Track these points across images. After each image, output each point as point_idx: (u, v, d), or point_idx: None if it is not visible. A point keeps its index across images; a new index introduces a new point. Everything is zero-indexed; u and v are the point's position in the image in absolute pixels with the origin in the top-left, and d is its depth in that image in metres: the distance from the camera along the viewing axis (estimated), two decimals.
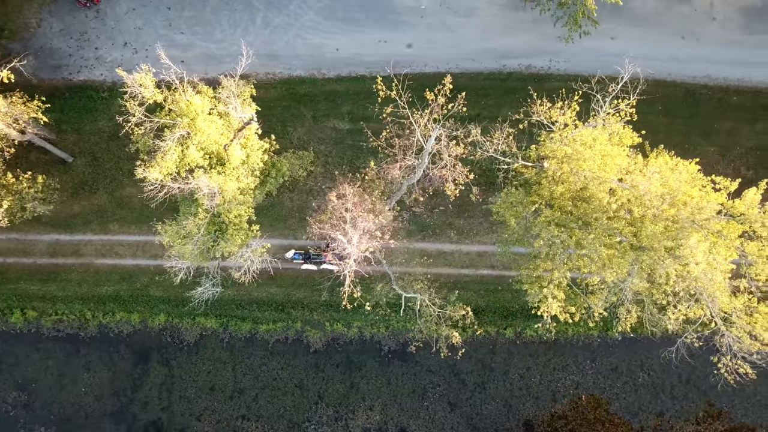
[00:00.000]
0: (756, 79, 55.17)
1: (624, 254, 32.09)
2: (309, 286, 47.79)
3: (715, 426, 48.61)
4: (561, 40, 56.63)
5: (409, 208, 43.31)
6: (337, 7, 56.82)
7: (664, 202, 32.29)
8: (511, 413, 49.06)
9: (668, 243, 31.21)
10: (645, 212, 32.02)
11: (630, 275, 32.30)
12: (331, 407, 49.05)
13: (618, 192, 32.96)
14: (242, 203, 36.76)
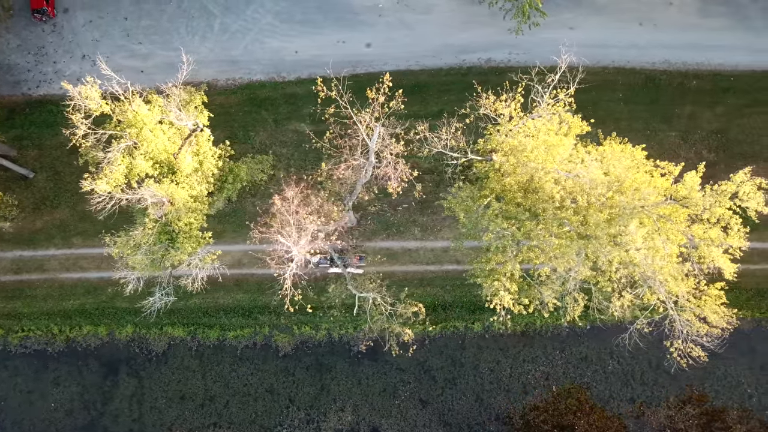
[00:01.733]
0: (714, 62, 55.32)
1: (572, 243, 32.09)
2: (276, 291, 47.71)
3: (687, 410, 48.67)
4: (523, 34, 56.98)
5: (365, 208, 43.20)
6: (294, 10, 56.78)
7: (609, 189, 32.33)
8: (482, 407, 49.06)
9: (611, 230, 31.23)
10: (589, 201, 32.04)
11: (576, 264, 32.30)
12: (303, 410, 48.97)
13: (562, 181, 32.95)
14: (194, 211, 36.64)
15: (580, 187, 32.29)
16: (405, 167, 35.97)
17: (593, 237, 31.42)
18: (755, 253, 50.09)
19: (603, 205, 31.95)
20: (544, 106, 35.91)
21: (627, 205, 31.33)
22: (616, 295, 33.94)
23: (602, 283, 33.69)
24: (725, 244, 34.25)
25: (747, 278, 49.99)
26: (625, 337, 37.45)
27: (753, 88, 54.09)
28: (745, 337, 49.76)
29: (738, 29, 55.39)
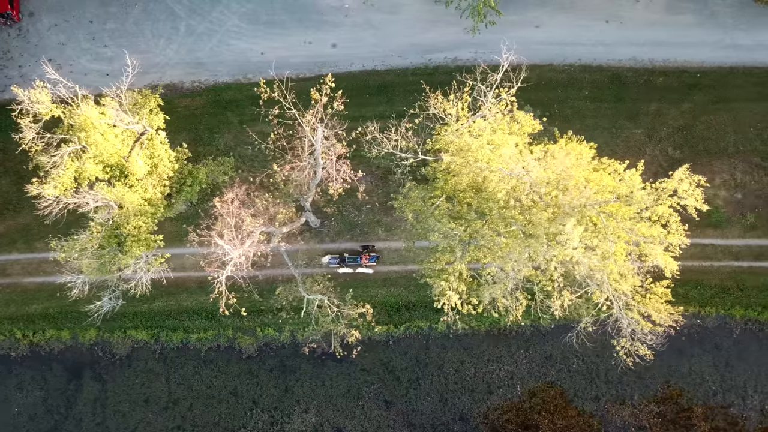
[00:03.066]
0: (681, 58, 55.21)
1: (516, 242, 32.00)
2: (239, 293, 47.69)
3: (651, 407, 48.62)
4: (489, 33, 56.79)
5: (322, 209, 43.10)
6: (260, 11, 56.71)
7: (555, 187, 32.24)
8: (446, 408, 49.01)
9: (551, 229, 31.14)
10: (533, 199, 31.95)
11: (518, 263, 32.22)
12: (266, 412, 48.93)
13: (505, 181, 32.85)
14: (143, 214, 36.59)
15: (523, 186, 32.19)
16: (347, 168, 35.91)
17: (534, 236, 31.33)
18: (719, 250, 50.11)
19: (547, 204, 31.86)
20: (489, 106, 35.78)
21: (568, 204, 31.22)
22: (556, 294, 33.87)
23: (543, 283, 33.62)
24: (665, 242, 34.10)
25: (711, 275, 50.06)
26: (572, 336, 37.34)
27: (719, 84, 53.96)
28: (710, 334, 49.70)
29: (705, 25, 55.24)
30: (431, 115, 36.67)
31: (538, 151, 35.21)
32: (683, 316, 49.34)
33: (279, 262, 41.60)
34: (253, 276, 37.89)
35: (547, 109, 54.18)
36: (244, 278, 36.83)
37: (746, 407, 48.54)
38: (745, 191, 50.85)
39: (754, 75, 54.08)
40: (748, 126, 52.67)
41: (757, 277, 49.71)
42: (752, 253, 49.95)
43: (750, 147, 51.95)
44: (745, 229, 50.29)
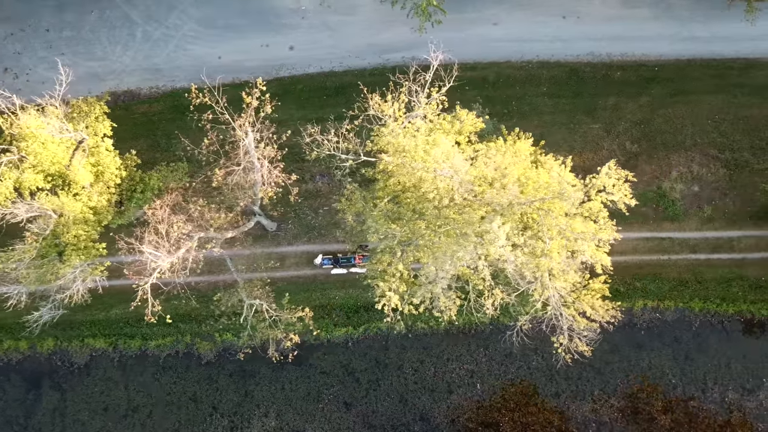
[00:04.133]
0: (639, 52, 55.23)
1: (451, 242, 31.91)
2: (197, 299, 47.63)
3: (611, 402, 48.57)
4: (447, 31, 56.67)
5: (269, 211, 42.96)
6: (217, 16, 56.60)
7: (490, 186, 32.18)
8: (407, 408, 48.92)
9: (479, 228, 31.07)
10: (466, 198, 31.87)
11: (452, 262, 32.18)
12: (226, 417, 48.82)
13: (438, 181, 32.76)
14: (85, 222, 36.46)
15: (454, 185, 32.11)
16: (279, 173, 35.90)
17: (464, 235, 31.25)
18: (676, 243, 50.14)
19: (481, 203, 31.79)
20: (422, 106, 35.72)
21: (495, 202, 31.16)
22: (487, 293, 33.81)
23: (475, 282, 33.56)
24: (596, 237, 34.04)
25: (669, 268, 50.08)
26: (512, 335, 37.29)
27: (677, 77, 53.99)
28: (669, 327, 49.71)
29: (662, 19, 55.27)
30: (371, 117, 36.57)
31: (471, 151, 35.10)
32: (643, 310, 50.13)
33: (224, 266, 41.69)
34: (194, 282, 37.82)
35: (506, 106, 54.25)
36: (182, 285, 36.73)
37: (706, 400, 48.53)
38: (702, 184, 50.84)
39: (712, 67, 54.11)
40: (705, 118, 52.68)
41: (714, 270, 49.71)
42: (709, 246, 49.93)
43: (707, 139, 51.95)
44: (702, 222, 50.28)
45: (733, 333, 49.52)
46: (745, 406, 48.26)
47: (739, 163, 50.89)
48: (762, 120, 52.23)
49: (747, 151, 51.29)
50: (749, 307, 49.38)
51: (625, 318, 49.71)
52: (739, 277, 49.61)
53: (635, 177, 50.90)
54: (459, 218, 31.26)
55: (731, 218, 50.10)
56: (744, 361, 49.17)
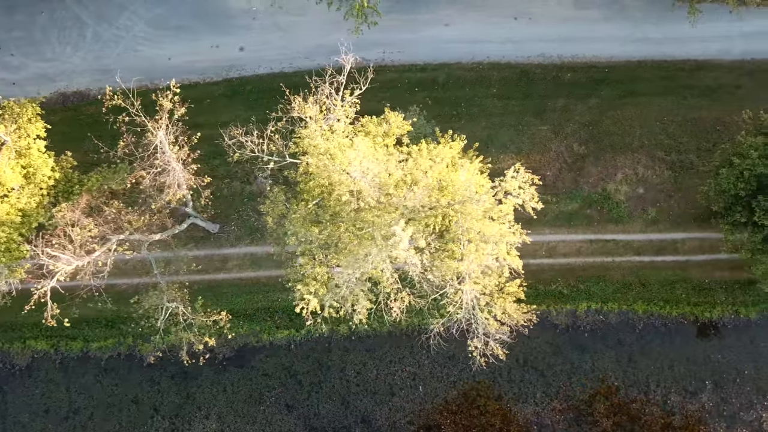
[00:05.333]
0: (590, 54, 55.12)
1: (364, 245, 31.83)
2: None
3: (553, 405, 48.47)
4: (398, 32, 56.69)
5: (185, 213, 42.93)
6: (168, 16, 56.48)
7: (405, 188, 32.08)
8: (348, 410, 48.82)
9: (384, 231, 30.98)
10: (379, 200, 31.81)
11: (364, 266, 32.10)
12: (167, 419, 48.73)
13: (351, 183, 32.66)
14: (11, 224, 36.38)
15: (367, 187, 32.01)
16: (190, 175, 35.82)
17: (373, 238, 31.19)
18: (620, 246, 50.03)
19: (390, 205, 31.71)
20: (336, 108, 35.65)
21: (404, 205, 31.08)
22: (393, 296, 33.74)
23: (383, 284, 33.47)
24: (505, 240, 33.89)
25: (613, 271, 49.97)
26: (429, 338, 37.21)
27: (628, 79, 53.86)
28: (613, 330, 49.54)
29: (615, 20, 55.10)
30: (294, 118, 36.50)
31: (399, 154, 34.99)
32: (586, 313, 50.04)
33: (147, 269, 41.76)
34: (119, 284, 37.82)
35: (455, 108, 54.16)
36: (97, 287, 36.69)
37: (649, 402, 48.36)
38: (647, 186, 50.71)
39: (663, 68, 54.01)
40: (654, 120, 52.56)
41: (658, 272, 49.58)
42: (653, 248, 49.82)
43: (655, 141, 51.82)
44: (647, 224, 50.16)
45: (676, 335, 49.36)
46: (688, 409, 48.11)
47: (685, 165, 50.78)
48: (709, 122, 52.10)
49: (693, 153, 51.16)
50: (693, 310, 49.24)
51: (569, 320, 49.83)
52: (682, 279, 49.49)
53: (581, 178, 51.94)
54: (373, 221, 31.16)
55: (676, 220, 49.99)
56: (687, 364, 49.04)
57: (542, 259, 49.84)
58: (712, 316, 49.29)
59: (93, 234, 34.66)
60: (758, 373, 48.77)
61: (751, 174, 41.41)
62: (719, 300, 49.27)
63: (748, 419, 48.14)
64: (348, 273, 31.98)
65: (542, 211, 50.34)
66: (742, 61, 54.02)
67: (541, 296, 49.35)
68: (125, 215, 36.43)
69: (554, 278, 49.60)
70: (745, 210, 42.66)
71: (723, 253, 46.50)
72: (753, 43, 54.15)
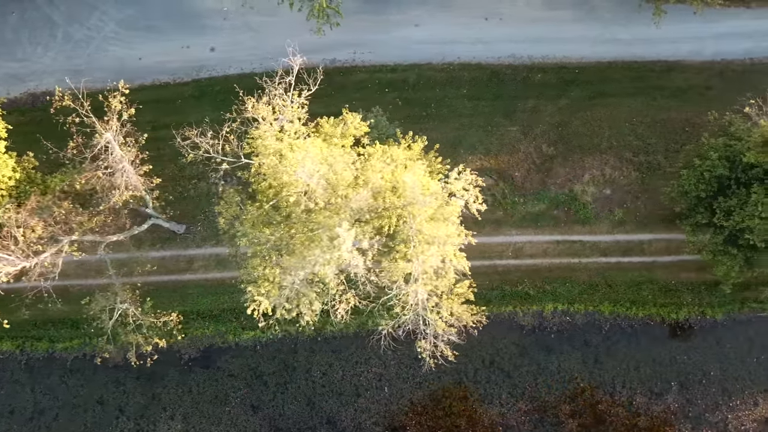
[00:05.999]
0: (560, 55, 55.06)
1: (312, 247, 31.79)
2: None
3: (519, 406, 48.44)
4: (369, 33, 56.69)
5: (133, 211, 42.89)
6: (138, 17, 56.45)
7: (353, 189, 32.06)
8: (314, 411, 48.78)
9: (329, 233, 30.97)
10: (329, 201, 31.81)
11: (311, 267, 32.08)
12: (132, 420, 48.71)
13: (300, 184, 32.64)
14: None
15: (315, 187, 32.02)
16: (139, 178, 35.89)
17: (318, 240, 31.19)
18: (587, 247, 50.01)
19: (337, 206, 31.70)
20: (284, 109, 35.64)
21: (350, 206, 31.05)
22: (338, 297, 33.71)
23: (331, 286, 33.45)
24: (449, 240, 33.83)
25: (579, 272, 49.98)
26: (379, 339, 37.20)
27: (597, 80, 53.83)
28: (579, 331, 49.54)
29: (585, 21, 55.13)
30: (249, 119, 36.48)
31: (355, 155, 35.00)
32: (553, 314, 50.02)
33: (101, 270, 41.83)
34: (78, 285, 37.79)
35: (425, 108, 54.12)
36: (47, 288, 36.68)
37: (614, 403, 48.35)
38: (615, 187, 50.70)
39: (633, 69, 53.99)
40: (623, 121, 52.53)
41: (625, 273, 49.58)
42: (620, 249, 49.81)
43: (623, 142, 51.80)
44: (614, 225, 50.13)
45: (642, 336, 49.36)
46: (653, 410, 48.13)
47: (652, 166, 50.76)
48: (678, 123, 52.08)
49: (661, 154, 51.14)
50: (659, 311, 49.24)
51: (536, 321, 49.82)
52: (649, 280, 49.48)
53: (549, 179, 51.90)
54: (320, 222, 31.16)
55: (642, 221, 49.97)
56: (653, 365, 49.03)
57: (509, 260, 49.82)
58: (679, 317, 49.33)
59: (39, 235, 34.59)
60: (724, 375, 48.79)
61: (711, 175, 41.43)
62: (685, 301, 49.30)
63: (714, 420, 48.17)
64: (291, 275, 31.92)
65: (510, 212, 51.16)
66: (712, 62, 54.06)
67: (508, 297, 49.43)
68: (75, 216, 36.41)
69: (521, 279, 49.57)
70: (706, 211, 42.71)
71: (686, 254, 46.48)
72: (724, 44, 54.21)
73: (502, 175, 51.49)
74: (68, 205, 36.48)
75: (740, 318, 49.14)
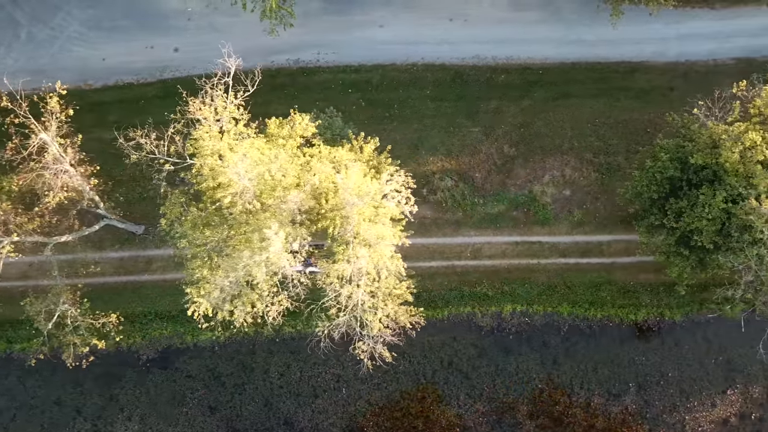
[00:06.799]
0: (524, 56, 55.03)
1: (249, 247, 31.78)
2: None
3: (477, 407, 48.41)
4: (333, 33, 56.67)
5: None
6: (102, 17, 56.42)
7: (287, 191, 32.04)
8: (271, 412, 48.75)
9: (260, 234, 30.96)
10: (264, 203, 31.78)
11: (246, 268, 32.06)
12: (89, 421, 48.66)
13: (234, 185, 32.63)
14: None
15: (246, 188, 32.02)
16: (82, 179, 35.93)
17: (250, 241, 31.18)
18: (546, 248, 49.99)
19: (271, 208, 31.66)
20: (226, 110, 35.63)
21: (281, 208, 31.05)
22: (269, 300, 33.70)
23: (263, 287, 33.41)
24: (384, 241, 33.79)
25: (538, 273, 49.96)
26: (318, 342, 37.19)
27: (561, 81, 53.81)
28: (538, 332, 49.53)
29: (549, 22, 55.11)
30: (192, 120, 36.46)
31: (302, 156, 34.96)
32: (512, 315, 49.99)
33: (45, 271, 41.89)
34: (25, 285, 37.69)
35: (388, 109, 54.08)
36: None
37: (572, 404, 48.34)
38: (574, 188, 50.69)
39: (596, 70, 53.97)
40: (585, 122, 52.53)
41: (583, 274, 49.55)
42: (579, 250, 49.80)
43: (585, 143, 51.79)
44: (573, 226, 50.11)
45: (601, 338, 49.36)
46: (611, 411, 48.14)
47: (612, 167, 50.75)
48: (641, 124, 52.09)
49: (622, 155, 51.12)
50: (617, 312, 49.22)
51: (494, 322, 49.80)
52: (607, 281, 49.47)
53: (509, 180, 51.85)
54: (253, 223, 31.14)
55: (602, 222, 49.95)
56: (611, 366, 49.03)
57: (468, 261, 49.81)
58: (637, 319, 49.34)
59: None
60: (682, 376, 48.81)
61: (662, 177, 41.40)
62: (644, 302, 49.30)
63: (671, 421, 48.17)
64: (229, 276, 31.89)
65: (469, 213, 51.15)
66: (676, 63, 54.09)
67: (466, 298, 49.41)
68: (15, 217, 36.40)
69: (479, 280, 49.54)
70: (660, 213, 42.67)
71: (638, 255, 46.48)
72: (688, 45, 54.25)
73: (463, 177, 51.43)
74: (7, 206, 36.46)
75: (698, 319, 49.15)
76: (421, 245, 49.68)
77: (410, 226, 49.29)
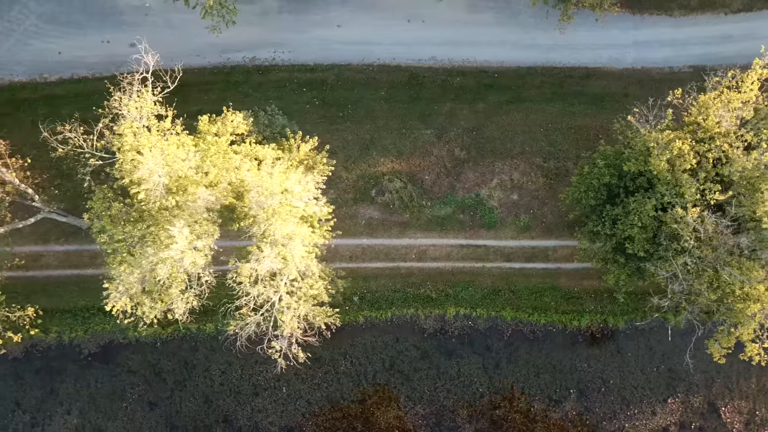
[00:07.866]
0: (481, 58, 54.89)
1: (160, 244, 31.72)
2: None
3: (417, 409, 48.33)
4: (290, 32, 56.56)
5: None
6: (59, 11, 56.36)
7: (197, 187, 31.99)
8: (210, 409, 48.73)
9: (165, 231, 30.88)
10: (178, 201, 31.71)
11: (159, 265, 31.98)
12: (28, 414, 48.67)
13: (149, 182, 32.57)
14: None
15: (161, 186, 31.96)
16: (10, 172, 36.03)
17: (158, 238, 31.11)
18: (491, 251, 49.85)
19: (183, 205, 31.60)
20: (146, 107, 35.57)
21: (186, 204, 31.01)
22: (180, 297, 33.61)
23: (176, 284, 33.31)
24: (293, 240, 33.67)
25: (483, 276, 49.84)
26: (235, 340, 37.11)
27: (516, 85, 53.66)
28: (481, 336, 49.43)
29: (507, 25, 54.92)
30: (118, 115, 36.41)
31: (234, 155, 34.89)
32: (455, 318, 49.89)
33: None
34: None
35: (341, 109, 54.00)
36: None
37: (512, 409, 48.25)
38: (522, 192, 50.57)
39: (552, 75, 53.87)
40: (538, 126, 52.41)
41: (528, 279, 49.44)
42: (524, 255, 49.67)
43: (536, 147, 51.68)
44: (519, 231, 49.99)
45: (544, 343, 49.25)
46: (550, 417, 48.04)
47: (561, 172, 50.63)
48: (593, 130, 51.95)
49: (571, 160, 51.00)
50: (561, 318, 49.13)
51: (438, 325, 49.71)
52: (552, 287, 49.37)
53: (458, 183, 51.69)
54: (160, 220, 31.07)
55: (548, 228, 49.84)
56: (553, 372, 48.93)
57: (412, 263, 49.72)
58: (581, 325, 49.23)
59: None
60: (623, 383, 48.69)
61: (599, 183, 41.28)
62: (588, 309, 49.20)
63: (611, 429, 48.08)
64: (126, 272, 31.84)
65: (416, 215, 51.03)
66: (632, 69, 53.95)
67: (410, 300, 49.32)
68: None
69: (423, 282, 49.45)
70: (598, 219, 42.55)
71: (576, 261, 46.35)
72: (644, 51, 54.11)
73: (412, 178, 51.34)
74: None
75: (642, 327, 49.00)
76: (367, 246, 49.64)
77: (356, 227, 49.64)
